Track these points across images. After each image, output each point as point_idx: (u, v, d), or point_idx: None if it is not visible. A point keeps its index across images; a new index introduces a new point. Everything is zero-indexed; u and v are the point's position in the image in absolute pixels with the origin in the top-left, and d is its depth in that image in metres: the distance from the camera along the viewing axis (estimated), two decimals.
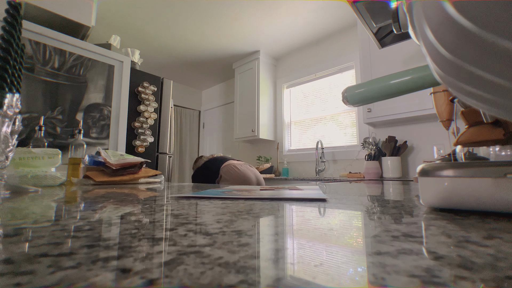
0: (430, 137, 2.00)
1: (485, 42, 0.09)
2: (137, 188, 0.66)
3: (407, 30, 0.29)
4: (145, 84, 1.96)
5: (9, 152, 0.45)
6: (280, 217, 0.24)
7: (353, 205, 0.33)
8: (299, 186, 0.66)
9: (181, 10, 2.39)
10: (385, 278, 0.10)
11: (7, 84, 0.48)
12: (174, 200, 0.38)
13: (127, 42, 2.91)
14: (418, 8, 0.12)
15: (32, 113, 1.39)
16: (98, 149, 0.97)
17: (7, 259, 0.12)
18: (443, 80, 0.14)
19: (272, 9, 2.37)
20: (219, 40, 2.90)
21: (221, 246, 0.14)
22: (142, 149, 1.90)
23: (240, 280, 0.10)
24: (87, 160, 0.91)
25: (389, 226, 0.20)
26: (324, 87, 2.82)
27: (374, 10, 0.44)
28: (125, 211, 0.27)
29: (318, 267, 0.11)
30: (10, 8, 0.52)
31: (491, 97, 0.12)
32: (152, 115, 1.98)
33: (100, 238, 0.16)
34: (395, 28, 0.33)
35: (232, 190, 0.54)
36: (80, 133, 1.20)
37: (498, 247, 0.14)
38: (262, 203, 0.35)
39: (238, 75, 3.35)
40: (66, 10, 1.53)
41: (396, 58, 1.91)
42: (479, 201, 0.23)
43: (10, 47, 0.50)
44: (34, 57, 1.42)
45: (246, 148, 3.65)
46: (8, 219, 0.23)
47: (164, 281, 0.10)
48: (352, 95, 0.49)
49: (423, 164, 0.28)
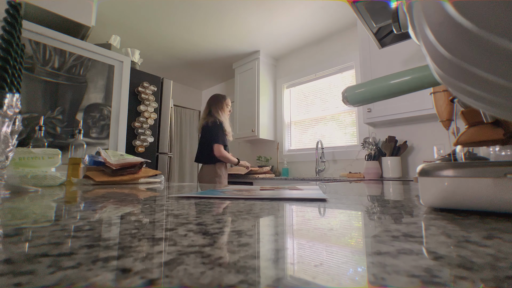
0: (430, 137, 2.00)
1: (485, 42, 0.09)
2: (137, 188, 0.66)
3: (407, 30, 0.29)
4: (145, 84, 1.96)
5: (9, 152, 0.45)
6: (280, 217, 0.24)
7: (353, 205, 0.33)
8: (299, 186, 0.66)
9: (181, 10, 2.39)
10: (385, 278, 0.10)
11: (7, 84, 0.48)
12: (174, 200, 0.38)
13: (127, 42, 2.91)
14: (418, 8, 0.12)
15: (32, 113, 1.39)
16: (98, 149, 0.97)
17: (7, 259, 0.12)
18: (443, 80, 0.14)
19: (272, 9, 2.37)
20: (219, 40, 2.90)
21: (221, 246, 0.14)
22: (142, 149, 1.90)
23: (240, 280, 0.10)
24: (87, 160, 0.91)
25: (389, 226, 0.20)
26: (324, 87, 2.81)
27: (374, 10, 0.44)
28: (125, 211, 0.27)
29: (318, 267, 0.11)
30: (10, 8, 0.52)
31: (491, 97, 0.12)
32: (152, 115, 1.98)
33: (100, 238, 0.16)
34: (395, 28, 0.33)
35: (232, 190, 0.54)
36: (80, 133, 1.20)
37: (498, 247, 0.14)
38: (262, 203, 0.35)
39: (238, 75, 3.35)
40: (66, 10, 1.53)
41: (396, 58, 1.91)
42: (479, 201, 0.23)
43: (10, 47, 0.50)
44: (34, 57, 1.42)
45: (246, 148, 3.65)
46: (8, 219, 0.23)
47: (164, 281, 0.10)
48: (352, 95, 0.49)
49: (423, 164, 0.28)
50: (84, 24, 1.61)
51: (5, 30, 0.51)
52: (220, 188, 0.64)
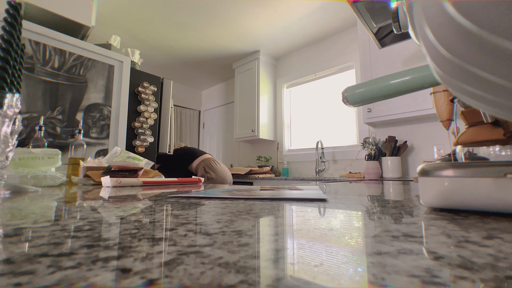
0: (430, 137, 2.00)
1: (485, 42, 0.09)
2: (137, 188, 0.66)
3: (407, 30, 0.29)
4: (145, 84, 1.96)
5: (9, 152, 0.45)
6: (280, 217, 0.24)
7: (353, 205, 0.33)
8: (299, 186, 0.66)
9: (181, 10, 2.39)
10: (385, 278, 0.10)
11: (7, 84, 0.48)
12: (174, 200, 0.38)
13: (127, 42, 2.91)
14: (418, 8, 0.12)
15: (32, 113, 1.39)
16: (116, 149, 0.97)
17: (7, 259, 0.12)
18: (443, 80, 0.14)
19: (272, 9, 2.37)
20: (219, 40, 2.90)
21: (221, 246, 0.14)
22: (142, 149, 1.90)
23: (240, 280, 0.10)
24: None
25: (389, 226, 0.20)
26: (324, 87, 2.81)
27: (374, 10, 0.44)
28: (125, 211, 0.27)
29: (318, 267, 0.11)
30: (10, 8, 0.52)
31: (491, 97, 0.12)
32: (152, 115, 1.98)
33: (100, 238, 0.16)
34: (395, 28, 0.33)
35: (232, 190, 0.54)
36: (80, 133, 1.20)
37: (498, 247, 0.14)
38: (262, 203, 0.35)
39: (238, 75, 3.35)
40: (66, 10, 1.53)
41: (396, 58, 1.91)
42: (479, 201, 0.23)
43: (10, 47, 0.50)
44: (34, 57, 1.42)
45: (246, 148, 3.65)
46: (8, 219, 0.23)
47: (164, 281, 0.10)
48: (352, 95, 0.49)
49: (423, 164, 0.28)
50: (84, 24, 1.61)
51: (5, 30, 0.51)
52: (220, 188, 0.64)
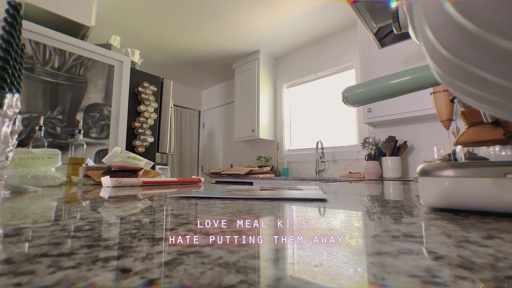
0: (430, 137, 2.00)
1: (485, 42, 0.09)
2: (137, 189, 0.66)
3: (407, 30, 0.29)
4: (145, 84, 1.96)
5: (9, 152, 0.45)
6: (280, 217, 0.24)
7: (353, 205, 0.33)
8: (299, 186, 0.66)
9: (181, 10, 2.39)
10: (385, 278, 0.10)
11: (7, 84, 0.48)
12: (174, 200, 0.38)
13: (127, 42, 2.91)
14: (418, 8, 0.12)
15: (32, 113, 1.39)
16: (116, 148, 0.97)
17: (7, 259, 0.12)
18: (443, 80, 0.14)
19: (272, 9, 2.37)
20: (219, 40, 2.90)
21: (221, 246, 0.14)
22: (142, 149, 1.90)
23: (240, 280, 0.10)
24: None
25: (389, 226, 0.20)
26: (324, 87, 2.81)
27: (374, 10, 0.44)
28: (125, 211, 0.27)
29: (318, 267, 0.11)
30: (10, 8, 0.52)
31: (491, 97, 0.12)
32: (152, 115, 1.98)
33: (100, 238, 0.16)
34: (395, 28, 0.33)
35: (232, 190, 0.54)
36: (80, 133, 1.20)
37: (498, 247, 0.14)
38: (262, 203, 0.35)
39: (238, 75, 3.35)
40: (66, 10, 1.53)
41: (396, 58, 1.91)
42: (479, 201, 0.23)
43: (10, 47, 0.50)
44: (34, 57, 1.42)
45: (246, 148, 3.64)
46: (8, 219, 0.23)
47: (164, 281, 0.10)
48: (352, 95, 0.49)
49: (423, 164, 0.28)
50: (84, 24, 1.61)
51: (5, 30, 0.51)
52: (220, 188, 0.64)
